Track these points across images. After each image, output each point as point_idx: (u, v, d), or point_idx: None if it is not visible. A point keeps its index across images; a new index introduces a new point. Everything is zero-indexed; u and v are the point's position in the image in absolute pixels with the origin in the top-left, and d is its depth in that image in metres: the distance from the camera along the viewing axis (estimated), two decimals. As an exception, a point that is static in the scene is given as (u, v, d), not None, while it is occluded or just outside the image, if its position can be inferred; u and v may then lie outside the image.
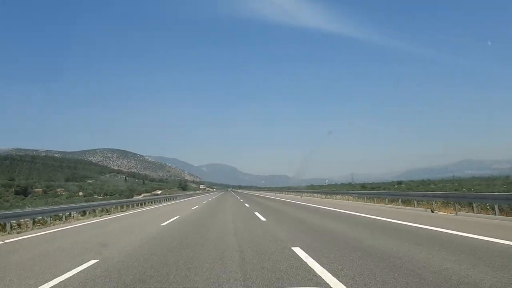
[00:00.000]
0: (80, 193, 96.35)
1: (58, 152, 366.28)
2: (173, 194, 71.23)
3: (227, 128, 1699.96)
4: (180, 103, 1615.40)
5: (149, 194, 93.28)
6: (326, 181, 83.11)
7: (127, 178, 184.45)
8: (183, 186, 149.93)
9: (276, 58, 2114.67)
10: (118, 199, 50.33)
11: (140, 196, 70.77)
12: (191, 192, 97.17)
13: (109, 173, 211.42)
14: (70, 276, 5.81)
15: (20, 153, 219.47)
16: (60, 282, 5.51)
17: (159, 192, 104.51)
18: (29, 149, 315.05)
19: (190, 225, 14.04)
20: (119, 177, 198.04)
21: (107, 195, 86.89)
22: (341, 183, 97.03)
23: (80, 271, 6.16)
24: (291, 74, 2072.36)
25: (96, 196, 76.27)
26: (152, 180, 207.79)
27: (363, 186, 64.20)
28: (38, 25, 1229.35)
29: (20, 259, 7.79)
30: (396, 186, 73.26)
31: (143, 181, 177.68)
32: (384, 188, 61.93)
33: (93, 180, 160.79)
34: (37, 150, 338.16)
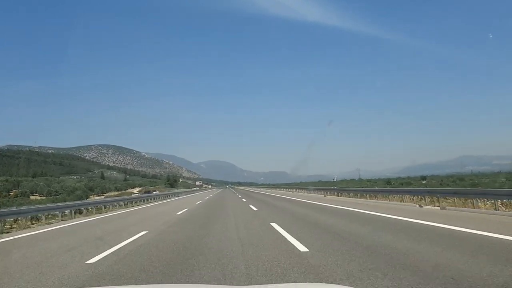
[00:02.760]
0: (11, 192, 79.15)
1: (53, 148, 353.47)
2: (157, 193, 56.48)
3: (226, 125, 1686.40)
4: (179, 100, 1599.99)
5: (116, 193, 76.91)
6: (335, 176, 70.14)
7: (106, 174, 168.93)
8: (172, 183, 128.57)
9: (275, 53, 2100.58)
10: (61, 201, 35.59)
11: (100, 197, 54.20)
12: (182, 190, 77.88)
13: (99, 169, 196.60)
14: None
15: (4, 149, 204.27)
16: None
17: (137, 190, 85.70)
18: (22, 145, 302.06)
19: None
20: (109, 173, 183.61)
21: (51, 195, 71.10)
22: (351, 179, 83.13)
23: None
24: (290, 70, 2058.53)
25: (36, 197, 61.14)
26: (144, 176, 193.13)
27: (388, 182, 50.01)
28: (34, 19, 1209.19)
29: None
30: (424, 182, 58.71)
31: (125, 177, 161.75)
32: (411, 184, 48.03)
33: (77, 176, 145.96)
34: (31, 146, 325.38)
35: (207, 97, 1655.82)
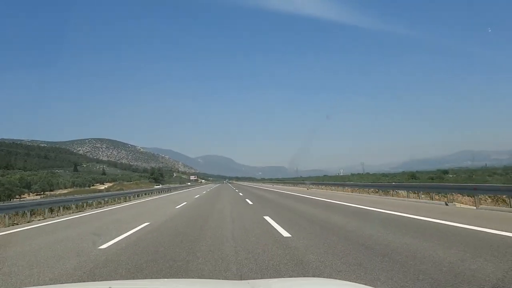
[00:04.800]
0: None
1: (46, 142, 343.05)
2: (129, 190, 45.57)
3: (224, 120, 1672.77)
4: (176, 95, 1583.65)
5: (67, 191, 62.49)
6: (341, 170, 61.56)
7: (95, 168, 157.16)
8: (157, 177, 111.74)
9: (273, 48, 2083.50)
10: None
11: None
12: (166, 186, 61.37)
13: (87, 162, 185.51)
14: None
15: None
16: None
17: (103, 187, 70.61)
18: (15, 139, 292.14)
19: None
20: (97, 167, 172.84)
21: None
22: (358, 173, 73.65)
23: None
24: (288, 64, 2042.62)
25: None
26: (135, 170, 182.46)
27: (413, 176, 39.46)
28: (30, 11, 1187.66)
29: None
30: (452, 176, 47.55)
31: (103, 169, 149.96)
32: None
33: (61, 170, 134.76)
34: (23, 140, 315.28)
35: (205, 93, 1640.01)
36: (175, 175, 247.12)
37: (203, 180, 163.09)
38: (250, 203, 17.22)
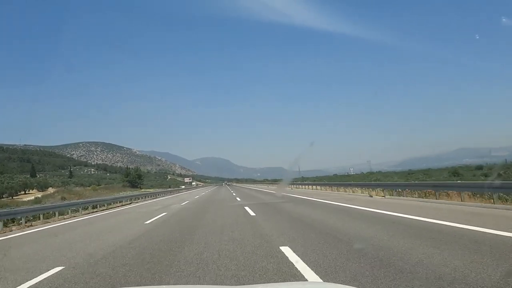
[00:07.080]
0: None
1: (39, 146, 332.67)
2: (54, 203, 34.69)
3: (221, 122, 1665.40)
4: (174, 98, 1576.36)
5: None
6: (351, 169, 54.39)
7: (83, 171, 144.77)
8: (133, 180, 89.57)
9: (270, 51, 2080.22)
10: None
11: None
12: (142, 192, 43.46)
13: (74, 166, 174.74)
14: None
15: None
16: None
17: (33, 197, 54.17)
18: (8, 144, 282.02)
19: None
20: (85, 170, 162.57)
21: None
22: (368, 172, 64.97)
23: None
24: (286, 65, 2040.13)
25: None
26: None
27: (455, 172, 30.01)
28: (23, 16, 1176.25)
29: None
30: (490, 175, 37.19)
31: (70, 172, 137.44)
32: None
33: (40, 174, 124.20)
34: (15, 144, 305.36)
35: (202, 95, 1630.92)
36: (169, 177, 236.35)
37: (193, 183, 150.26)
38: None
